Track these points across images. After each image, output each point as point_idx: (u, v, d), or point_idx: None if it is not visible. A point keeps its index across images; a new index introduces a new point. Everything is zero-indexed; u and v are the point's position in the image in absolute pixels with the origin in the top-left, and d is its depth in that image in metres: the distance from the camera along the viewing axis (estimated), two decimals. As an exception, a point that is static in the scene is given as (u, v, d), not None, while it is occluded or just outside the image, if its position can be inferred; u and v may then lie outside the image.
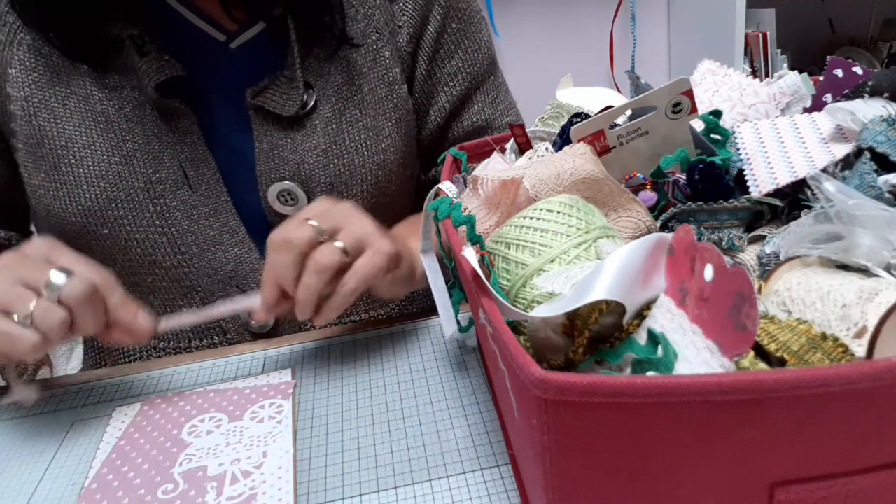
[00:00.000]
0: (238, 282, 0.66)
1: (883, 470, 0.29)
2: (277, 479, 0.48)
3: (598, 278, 0.31)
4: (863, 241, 0.35)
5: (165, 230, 0.63)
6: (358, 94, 0.67)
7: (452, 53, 0.72)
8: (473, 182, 0.47)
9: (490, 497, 0.45)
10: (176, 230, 0.63)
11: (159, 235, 0.63)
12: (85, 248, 0.64)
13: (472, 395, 0.55)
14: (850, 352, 0.31)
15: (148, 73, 0.60)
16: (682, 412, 0.26)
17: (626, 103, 0.48)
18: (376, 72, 0.68)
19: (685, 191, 0.47)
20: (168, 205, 0.63)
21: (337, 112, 0.66)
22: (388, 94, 0.68)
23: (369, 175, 0.68)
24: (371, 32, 0.67)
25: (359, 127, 0.67)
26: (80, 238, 0.64)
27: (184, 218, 0.64)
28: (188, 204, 0.64)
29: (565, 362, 0.35)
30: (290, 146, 0.65)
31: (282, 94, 0.63)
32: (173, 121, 0.63)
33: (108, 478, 0.50)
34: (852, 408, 0.26)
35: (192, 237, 0.64)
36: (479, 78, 0.74)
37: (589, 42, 2.11)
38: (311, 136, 0.65)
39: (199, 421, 0.55)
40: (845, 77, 0.50)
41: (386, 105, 0.68)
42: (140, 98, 0.62)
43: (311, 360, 0.62)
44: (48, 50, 0.61)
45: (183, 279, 0.65)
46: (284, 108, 0.63)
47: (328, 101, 0.66)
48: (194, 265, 0.65)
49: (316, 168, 0.66)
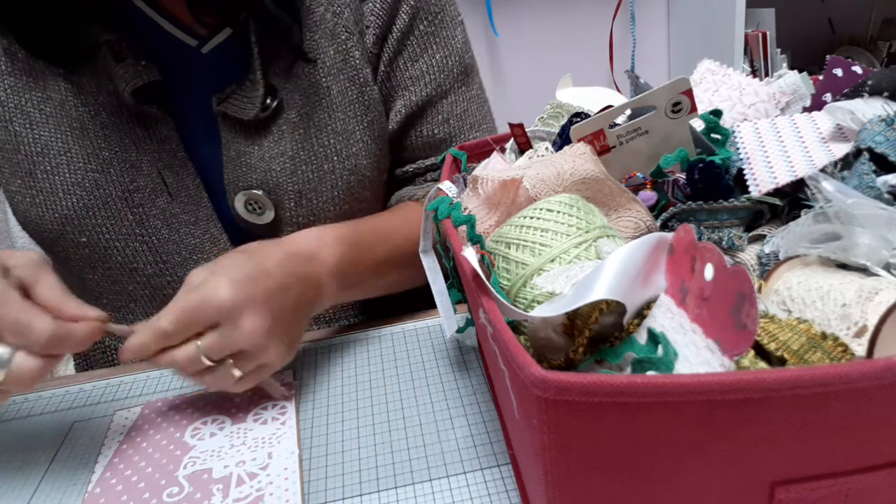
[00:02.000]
0: None
1: (883, 469, 0.29)
2: (284, 481, 0.48)
3: (598, 278, 0.31)
4: (862, 240, 0.35)
5: (145, 238, 0.62)
6: (327, 97, 0.65)
7: (417, 56, 0.68)
8: (473, 182, 0.47)
9: (490, 497, 0.45)
10: (156, 239, 0.62)
11: (139, 244, 0.62)
12: (64, 256, 0.63)
13: (472, 395, 0.55)
14: (850, 351, 0.31)
15: (125, 78, 0.58)
16: (683, 411, 0.26)
17: (626, 103, 0.48)
18: (346, 72, 0.65)
19: (685, 190, 0.47)
20: (147, 213, 0.62)
21: (304, 116, 0.64)
22: (358, 95, 0.66)
23: (340, 181, 0.66)
24: (340, 32, 0.64)
25: (328, 131, 0.65)
26: (58, 245, 0.63)
27: (164, 226, 0.63)
28: (168, 212, 0.63)
29: (565, 362, 0.35)
30: (256, 153, 0.63)
31: (244, 97, 0.61)
32: (151, 127, 0.62)
33: (112, 482, 0.50)
34: (852, 407, 0.26)
35: (174, 245, 0.63)
36: (444, 86, 0.70)
37: (588, 42, 2.11)
38: (279, 142, 0.63)
39: (201, 423, 0.55)
40: (845, 76, 0.50)
41: (357, 107, 0.66)
42: (116, 104, 0.60)
43: (312, 360, 0.62)
44: (24, 55, 0.59)
45: (165, 287, 0.64)
46: (244, 112, 0.61)
47: (294, 105, 0.64)
48: (176, 273, 0.64)
49: (283, 175, 0.64)
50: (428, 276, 0.54)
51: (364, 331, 0.66)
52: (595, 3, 2.06)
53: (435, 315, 0.67)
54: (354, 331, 0.66)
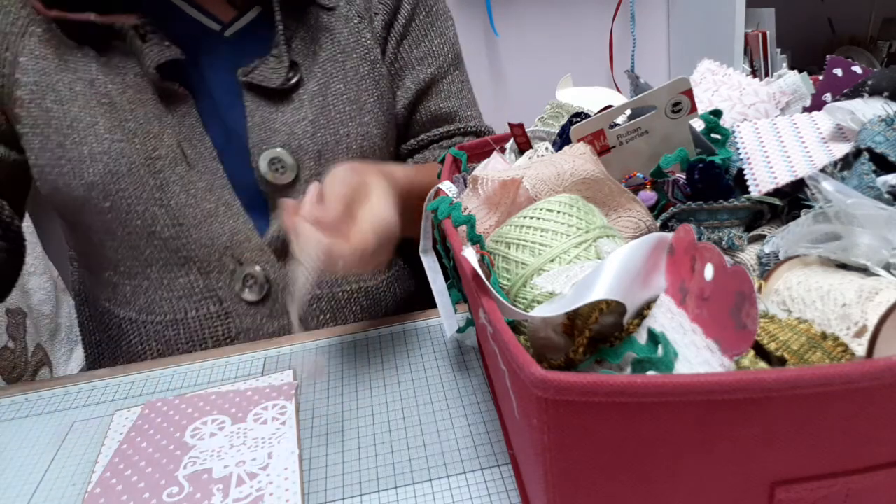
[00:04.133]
0: (233, 251, 0.69)
1: (883, 469, 0.29)
2: (284, 481, 0.48)
3: (598, 278, 0.31)
4: (862, 240, 0.35)
5: (164, 203, 0.66)
6: (342, 71, 0.72)
7: (419, 41, 0.78)
8: (473, 182, 0.47)
9: (490, 497, 0.45)
10: (174, 203, 0.67)
11: (158, 208, 0.66)
12: (86, 224, 0.68)
13: (472, 395, 0.55)
14: (850, 351, 0.31)
15: (150, 56, 0.64)
16: (683, 411, 0.26)
17: (626, 103, 0.48)
18: (358, 51, 0.73)
19: (685, 190, 0.47)
20: (167, 179, 0.66)
21: (322, 86, 0.71)
22: (370, 71, 0.74)
23: (354, 144, 0.72)
24: (353, 16, 0.73)
25: (343, 100, 0.72)
26: (81, 212, 0.67)
27: (182, 192, 0.67)
28: (186, 179, 0.67)
29: (565, 362, 0.35)
30: (280, 118, 0.69)
31: (270, 69, 0.68)
32: (172, 103, 0.67)
33: (112, 482, 0.50)
34: (852, 407, 0.26)
35: (190, 210, 0.67)
36: (444, 68, 0.80)
37: (588, 42, 2.11)
38: (300, 109, 0.70)
39: (201, 423, 0.55)
40: (845, 76, 0.50)
41: (368, 82, 0.73)
42: (141, 83, 0.66)
43: (312, 360, 0.62)
44: (56, 41, 0.65)
45: (180, 249, 0.68)
46: (272, 81, 0.68)
47: (314, 77, 0.71)
48: (192, 236, 0.68)
49: (305, 137, 0.70)
50: (428, 275, 0.54)
51: (364, 331, 0.66)
52: (595, 3, 2.06)
53: (435, 315, 0.67)
54: (354, 331, 0.66)
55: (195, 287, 0.69)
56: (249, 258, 0.69)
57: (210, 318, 0.69)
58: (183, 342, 0.70)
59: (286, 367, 0.61)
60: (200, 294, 0.69)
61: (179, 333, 0.70)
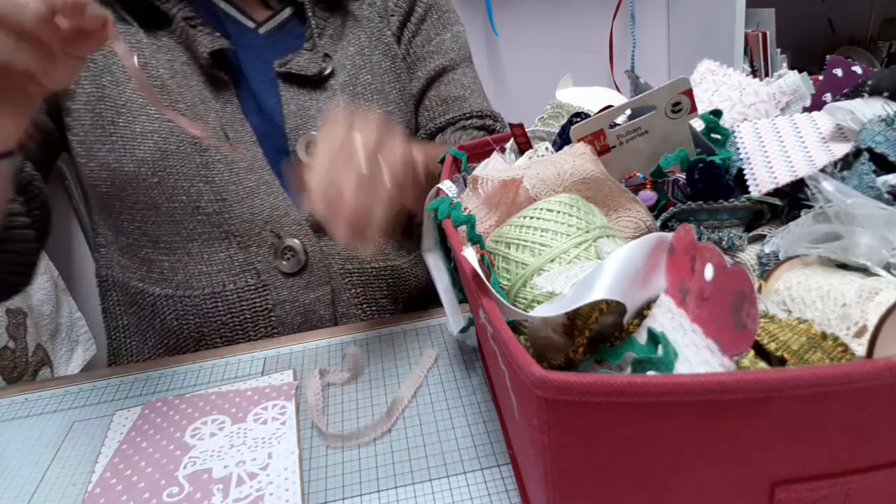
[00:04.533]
0: (272, 226, 0.72)
1: (883, 469, 0.29)
2: (284, 481, 0.48)
3: (598, 278, 0.31)
4: (862, 240, 0.35)
5: (209, 179, 0.70)
6: (368, 64, 0.78)
7: (431, 38, 0.85)
8: (473, 182, 0.47)
9: (490, 497, 0.45)
10: (219, 180, 0.71)
11: (203, 184, 0.70)
12: (132, 199, 0.72)
13: (472, 395, 0.55)
14: (850, 351, 0.31)
15: (203, 43, 0.70)
16: (683, 411, 0.26)
17: (626, 103, 0.48)
18: (380, 48, 0.80)
19: (685, 190, 0.47)
20: (212, 158, 0.71)
21: (352, 77, 0.77)
22: (391, 66, 0.80)
23: None
24: (374, 17, 0.81)
25: (371, 90, 0.78)
26: (128, 188, 0.71)
27: (225, 170, 0.71)
28: (229, 159, 0.72)
29: (565, 362, 0.35)
30: (314, 105, 0.75)
31: (305, 60, 0.75)
32: (216, 90, 0.73)
33: (112, 482, 0.50)
34: (852, 407, 0.26)
35: (233, 187, 0.71)
36: (455, 62, 0.86)
37: (588, 42, 2.10)
38: (332, 97, 0.76)
39: (201, 423, 0.55)
40: (845, 76, 0.50)
41: (390, 75, 0.80)
42: (188, 69, 0.71)
43: (312, 360, 0.62)
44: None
45: (222, 224, 0.72)
46: (309, 69, 0.74)
47: (344, 68, 0.77)
48: (234, 211, 0.72)
49: None
50: (432, 273, 0.54)
51: (364, 331, 0.66)
52: (595, 3, 2.06)
53: (435, 315, 0.67)
54: (354, 331, 0.66)
55: (235, 261, 0.72)
56: (288, 232, 0.72)
57: (248, 290, 0.72)
58: (222, 314, 0.73)
59: (286, 367, 0.61)
60: (239, 267, 0.72)
61: (218, 306, 0.72)
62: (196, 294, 0.72)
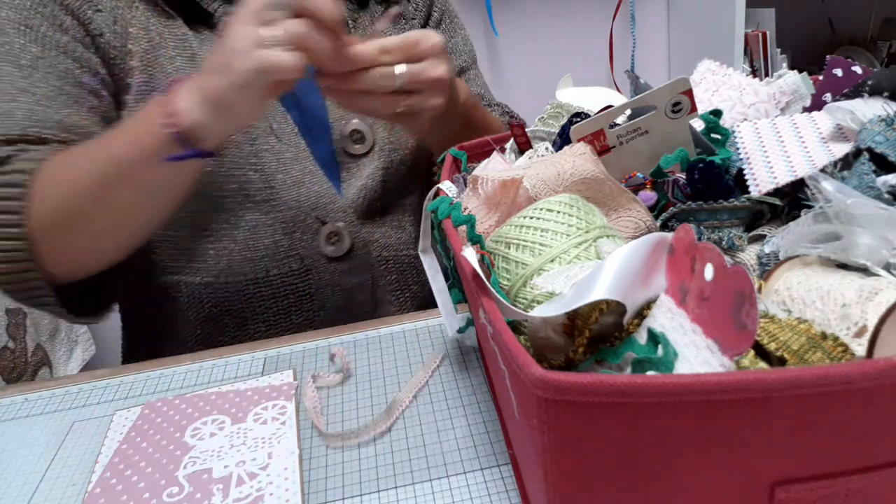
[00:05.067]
0: (318, 213, 0.75)
1: (883, 469, 0.29)
2: (284, 481, 0.48)
3: (598, 278, 0.31)
4: (862, 240, 0.35)
5: (258, 167, 0.73)
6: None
7: (447, 40, 0.89)
8: (473, 182, 0.47)
9: (490, 497, 0.45)
10: (267, 168, 0.74)
11: (253, 172, 0.73)
12: None
13: (472, 395, 0.55)
14: (850, 351, 0.31)
15: None
16: (683, 411, 0.26)
17: (626, 103, 0.48)
18: None
19: (685, 190, 0.47)
20: (261, 148, 0.73)
21: None
22: None
23: None
24: (399, 19, 0.86)
25: None
26: None
27: (273, 160, 0.74)
28: (276, 149, 0.75)
29: (565, 362, 0.35)
30: None
31: None
32: None
33: (112, 482, 0.50)
34: (852, 407, 0.26)
35: (281, 176, 0.74)
36: (468, 63, 0.92)
37: (589, 42, 2.11)
38: None
39: (201, 423, 0.55)
40: (845, 76, 0.50)
41: None
42: None
43: (312, 360, 0.62)
44: (157, 15, 0.72)
45: (270, 211, 0.74)
46: None
47: None
48: (282, 198, 0.74)
49: None
50: (428, 274, 0.54)
51: (364, 331, 0.66)
52: (595, 3, 2.06)
53: (435, 315, 0.67)
54: (354, 331, 0.66)
55: (280, 246, 0.74)
56: (333, 217, 0.75)
57: (291, 275, 0.75)
58: (266, 298, 0.75)
59: (286, 367, 0.61)
60: (284, 253, 0.74)
61: (262, 290, 0.75)
62: (239, 280, 0.75)
